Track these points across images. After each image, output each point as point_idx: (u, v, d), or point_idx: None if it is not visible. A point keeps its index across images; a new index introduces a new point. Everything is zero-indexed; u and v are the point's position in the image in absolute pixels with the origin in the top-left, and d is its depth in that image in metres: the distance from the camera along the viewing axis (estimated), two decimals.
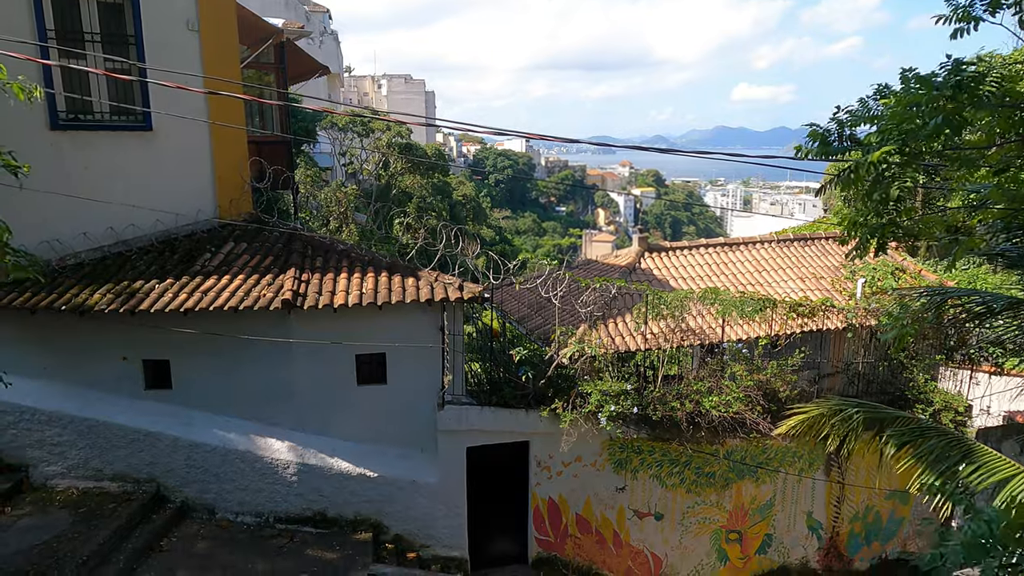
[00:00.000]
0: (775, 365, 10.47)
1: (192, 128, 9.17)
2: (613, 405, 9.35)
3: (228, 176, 9.79)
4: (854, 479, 11.54)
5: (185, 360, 8.77)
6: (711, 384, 10.16)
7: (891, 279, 13.31)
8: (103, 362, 8.67)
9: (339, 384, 9.07)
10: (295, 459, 8.99)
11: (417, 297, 8.68)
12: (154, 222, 9.21)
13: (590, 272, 13.78)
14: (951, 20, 5.63)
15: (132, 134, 9.23)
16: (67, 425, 8.62)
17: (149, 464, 8.80)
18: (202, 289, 8.43)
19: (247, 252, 9.37)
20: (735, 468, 10.79)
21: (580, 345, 9.76)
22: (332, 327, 8.73)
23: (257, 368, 8.84)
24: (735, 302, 10.79)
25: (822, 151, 6.11)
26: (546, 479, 10.14)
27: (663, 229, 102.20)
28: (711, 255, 14.08)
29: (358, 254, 9.78)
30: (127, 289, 8.33)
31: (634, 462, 10.36)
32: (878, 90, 6.20)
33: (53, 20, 8.54)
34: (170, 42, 9.05)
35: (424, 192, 37.42)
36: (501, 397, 9.69)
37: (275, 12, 24.92)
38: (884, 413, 7.28)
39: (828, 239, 14.87)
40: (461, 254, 9.50)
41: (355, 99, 67.07)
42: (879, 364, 11.96)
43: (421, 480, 9.37)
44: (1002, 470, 6.05)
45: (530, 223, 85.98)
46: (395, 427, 9.33)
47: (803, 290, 13.11)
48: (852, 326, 11.65)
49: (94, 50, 8.83)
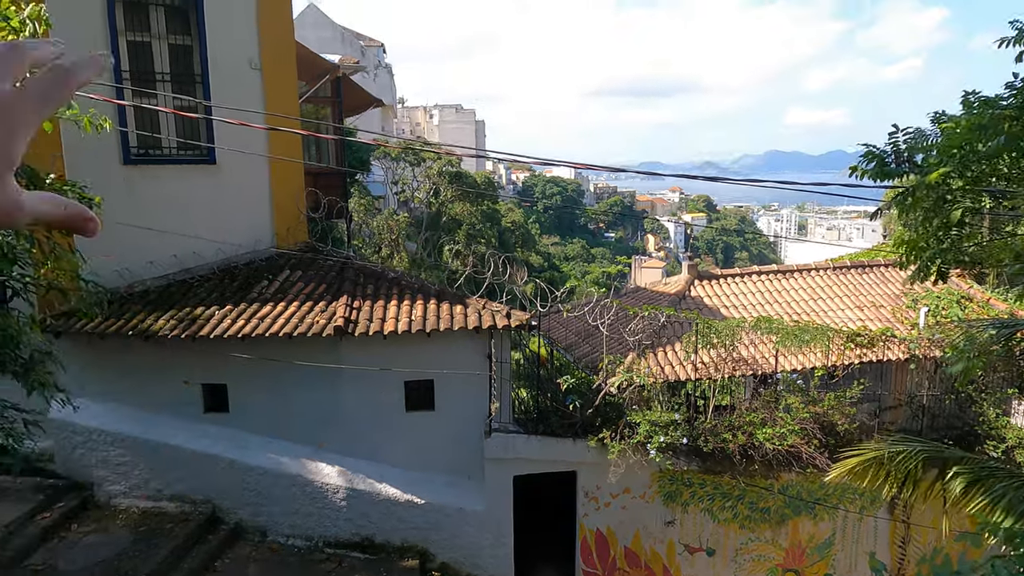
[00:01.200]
0: (832, 397, 10.11)
1: (252, 161, 9.57)
2: (662, 436, 9.18)
3: (285, 207, 10.16)
4: (920, 519, 10.95)
5: (241, 384, 9.05)
6: (764, 416, 9.87)
7: (957, 308, 12.75)
8: (165, 385, 9.02)
9: (388, 410, 9.19)
10: (344, 484, 9.11)
11: (465, 325, 8.76)
12: (215, 251, 9.60)
13: (639, 300, 13.66)
14: (1015, 42, 5.47)
15: (197, 167, 9.71)
16: (130, 446, 8.97)
17: (205, 486, 9.06)
18: (259, 316, 8.72)
19: (302, 280, 9.66)
20: (791, 504, 10.40)
21: (628, 374, 9.65)
22: (382, 354, 8.88)
23: (309, 393, 9.04)
24: (790, 331, 10.51)
25: (878, 172, 5.97)
26: (594, 510, 9.98)
27: (715, 255, 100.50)
28: (764, 283, 13.77)
29: (408, 282, 9.96)
30: (189, 315, 8.69)
31: (684, 495, 10.10)
32: (935, 117, 6.04)
33: (128, 61, 9.12)
34: (234, 80, 9.52)
35: (473, 219, 37.91)
36: (548, 426, 9.63)
37: (332, 48, 25.92)
38: (948, 452, 6.93)
39: (887, 266, 14.37)
40: (509, 281, 9.57)
41: (408, 129, 68.79)
42: (945, 397, 11.40)
43: (468, 508, 9.35)
44: None
45: (579, 249, 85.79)
46: (442, 454, 9.37)
47: (861, 319, 12.68)
48: (915, 357, 11.17)
49: (164, 89, 9.37)
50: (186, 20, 9.40)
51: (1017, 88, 5.30)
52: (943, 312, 12.60)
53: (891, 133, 6.12)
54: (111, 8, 8.80)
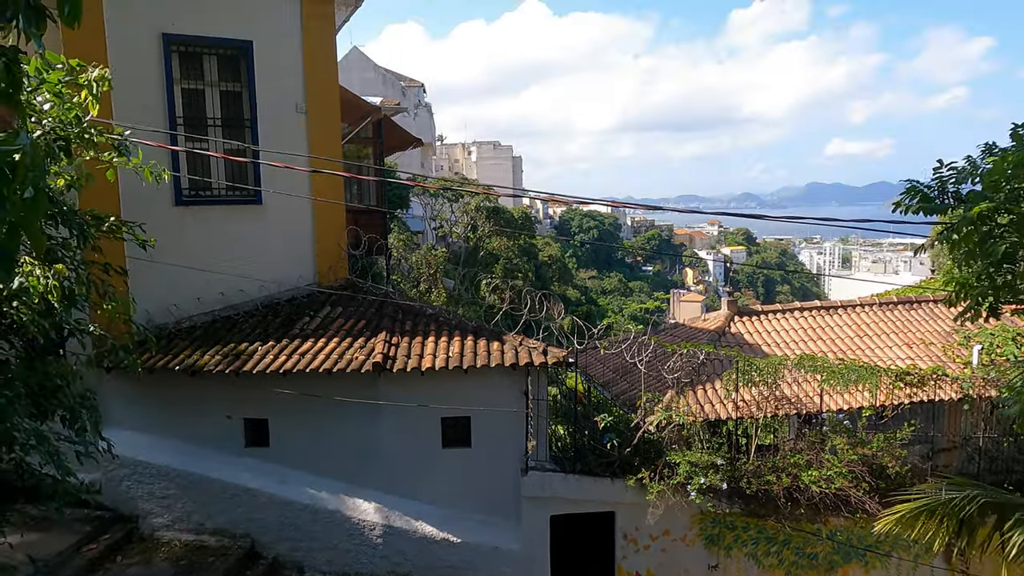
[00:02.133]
0: (881, 438, 9.76)
1: (297, 201, 9.87)
2: (703, 477, 8.96)
3: (327, 245, 10.41)
4: (979, 569, 10.37)
5: (282, 419, 9.19)
6: (810, 457, 9.57)
7: (1012, 346, 12.25)
8: (209, 420, 9.21)
9: (425, 446, 9.19)
10: (381, 520, 9.11)
11: (502, 361, 8.78)
12: (259, 288, 9.86)
13: (677, 336, 13.49)
14: None
15: (244, 208, 10.05)
16: (174, 479, 9.15)
17: (245, 520, 9.15)
18: (300, 351, 8.88)
19: (342, 316, 9.83)
20: (840, 550, 9.98)
21: (667, 412, 9.50)
22: (419, 390, 8.93)
23: (347, 429, 9.13)
24: (835, 369, 10.23)
25: (922, 207, 5.86)
26: (632, 552, 9.74)
27: (755, 288, 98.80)
28: (806, 319, 13.49)
29: (446, 318, 10.05)
30: (234, 351, 8.90)
31: (727, 539, 9.80)
32: (986, 148, 5.92)
33: (182, 108, 9.57)
34: (281, 124, 9.89)
35: (511, 254, 38.15)
36: (586, 464, 9.50)
37: (374, 89, 26.75)
38: (1008, 500, 6.59)
39: (937, 302, 13.94)
40: (545, 318, 9.57)
41: (446, 165, 70.05)
42: (1003, 440, 10.90)
43: (504, 547, 9.23)
44: None
45: (616, 283, 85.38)
46: (478, 492, 9.30)
47: (910, 357, 12.28)
48: (968, 397, 10.74)
49: (215, 134, 9.78)
50: (237, 68, 9.84)
51: None
52: (998, 350, 12.11)
53: (935, 168, 6.02)
54: (167, 58, 9.28)
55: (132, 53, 9.04)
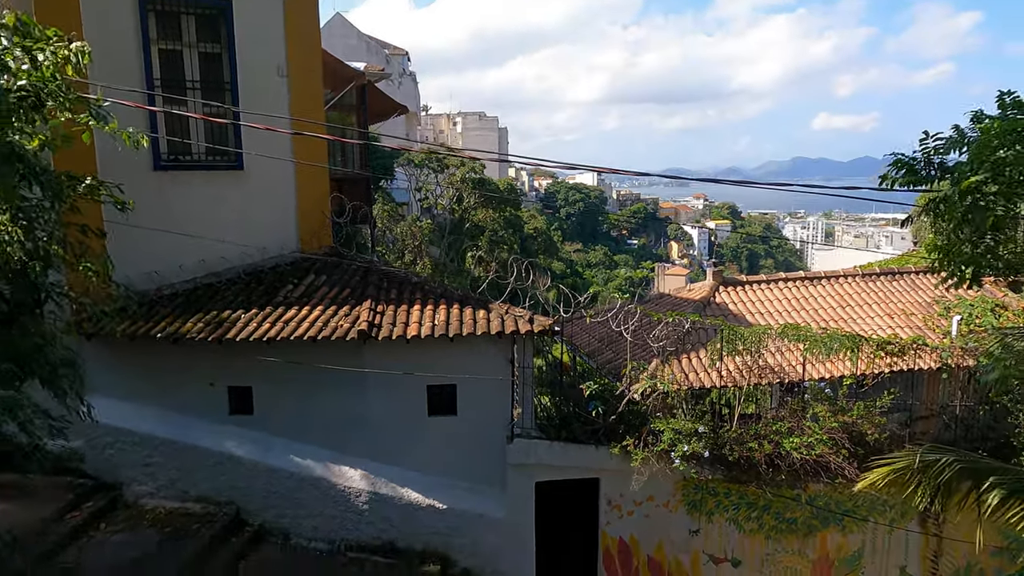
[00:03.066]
0: (861, 406, 9.91)
1: (279, 167, 9.68)
2: (686, 444, 9.07)
3: (310, 212, 10.26)
4: (953, 532, 10.66)
5: (266, 387, 9.13)
6: (791, 425, 9.71)
7: (991, 316, 12.44)
8: (192, 388, 9.13)
9: (410, 414, 9.20)
10: (367, 488, 9.14)
11: (488, 329, 8.75)
12: (241, 255, 9.71)
13: (662, 306, 13.54)
14: None
15: (225, 173, 9.85)
16: (157, 447, 9.10)
17: (230, 487, 9.15)
18: (284, 319, 8.80)
19: (326, 284, 9.74)
20: (819, 515, 10.20)
21: (652, 381, 9.56)
22: (405, 358, 8.90)
23: (332, 397, 9.10)
24: (817, 339, 10.33)
25: (908, 180, 5.85)
26: (616, 518, 9.88)
27: (739, 262, 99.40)
28: (790, 289, 13.58)
29: (431, 287, 9.99)
30: (216, 318, 8.80)
31: (709, 504, 9.96)
32: (975, 116, 5.90)
33: (160, 69, 9.30)
34: (262, 87, 9.65)
35: (496, 226, 37.96)
36: (571, 432, 9.57)
37: (357, 56, 26.22)
38: (984, 463, 6.73)
39: (918, 273, 14.08)
40: (531, 287, 9.55)
41: (431, 136, 69.25)
42: (979, 408, 11.11)
43: (489, 514, 9.31)
44: None
45: (601, 256, 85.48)
46: (464, 459, 9.35)
47: (891, 327, 12.42)
48: (947, 366, 10.91)
49: (194, 96, 9.53)
50: (216, 29, 9.56)
51: None
52: (976, 321, 12.30)
53: (922, 140, 6.00)
54: (143, 18, 8.99)
55: (107, 10, 8.75)
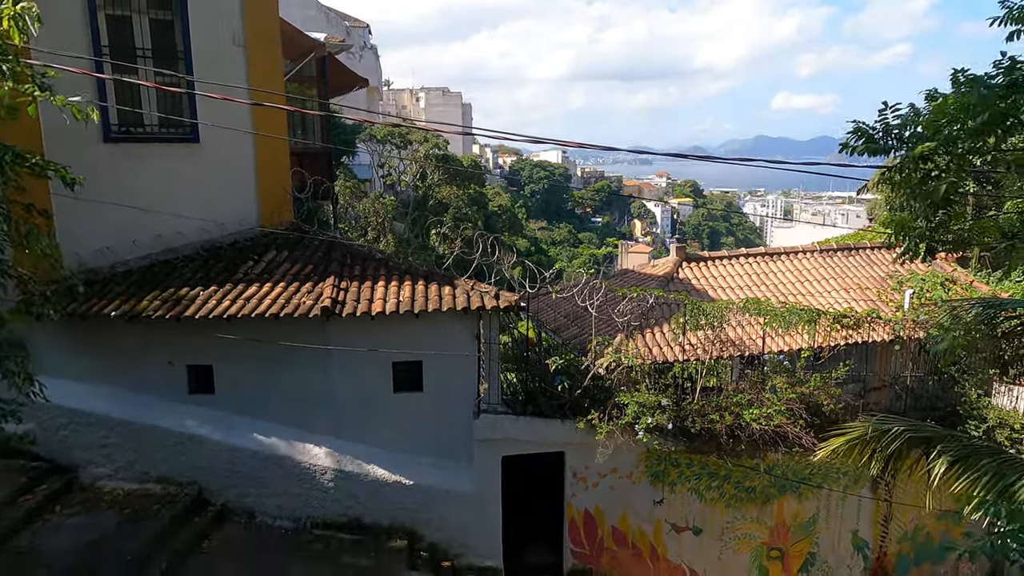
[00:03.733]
0: (818, 378, 10.20)
1: (237, 140, 9.40)
2: (650, 417, 9.21)
3: (271, 186, 10.01)
4: (902, 497, 11.12)
5: (227, 366, 8.96)
6: (751, 396, 9.94)
7: (940, 290, 12.89)
8: (149, 367, 8.90)
9: (376, 391, 9.14)
10: (332, 465, 9.08)
11: (454, 305, 8.72)
12: (199, 230, 9.45)
13: (627, 282, 13.67)
14: (1006, 22, 5.45)
15: (180, 146, 9.52)
16: (114, 428, 8.87)
17: (191, 468, 8.99)
18: (245, 296, 8.62)
19: (288, 260, 9.55)
20: (776, 483, 10.52)
21: (617, 355, 9.67)
22: (370, 334, 8.81)
23: (296, 374, 8.97)
24: (777, 313, 10.56)
25: (867, 148, 5.96)
26: (582, 490, 10.03)
27: (701, 240, 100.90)
28: (751, 265, 13.83)
29: (396, 263, 9.89)
30: (173, 296, 8.57)
31: (672, 475, 10.18)
32: (929, 95, 6.03)
33: (107, 36, 8.89)
34: (217, 57, 9.32)
35: (460, 203, 37.71)
36: (537, 407, 9.64)
37: (317, 27, 25.50)
38: (932, 431, 7.00)
39: (873, 249, 14.48)
40: (497, 263, 9.52)
41: (394, 112, 68.07)
42: (928, 378, 11.55)
43: (456, 489, 9.36)
44: None
45: (566, 234, 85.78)
46: (431, 435, 9.35)
47: (847, 301, 12.77)
48: (899, 339, 11.28)
49: (145, 65, 9.15)
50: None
51: (1004, 67, 5.29)
52: (927, 294, 12.72)
53: (881, 110, 6.12)
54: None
55: None
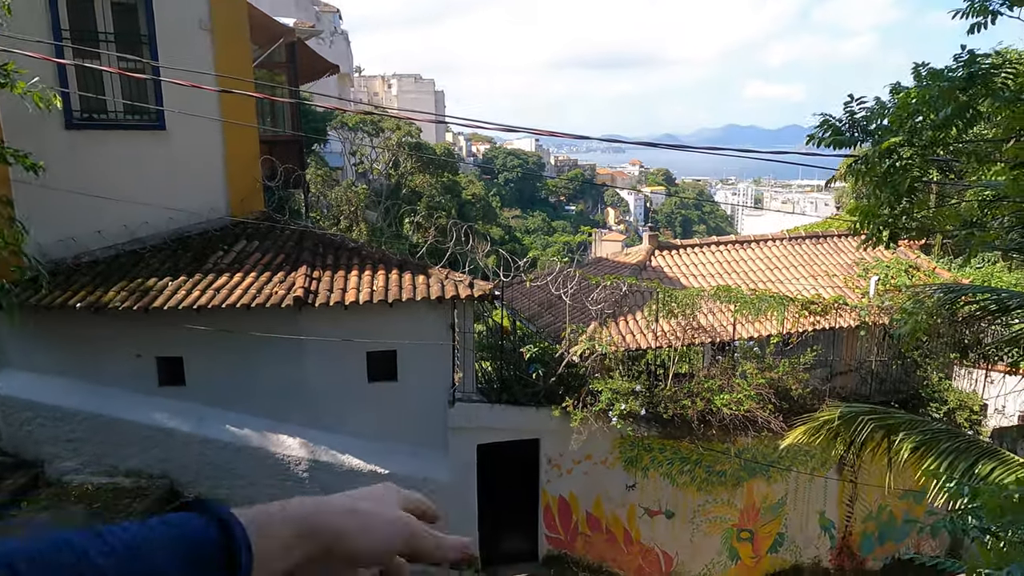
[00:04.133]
0: (787, 363, 10.41)
1: (205, 127, 9.23)
2: (624, 403, 9.33)
3: (240, 175, 9.86)
4: (867, 478, 11.43)
5: (198, 357, 8.84)
6: (722, 382, 10.12)
7: (904, 277, 13.20)
8: (117, 359, 8.74)
9: (350, 381, 9.11)
10: (306, 456, 9.04)
11: (428, 294, 8.70)
12: (167, 220, 9.28)
13: (600, 270, 13.76)
14: (968, 14, 5.57)
15: (145, 133, 9.32)
16: (82, 421, 8.71)
17: (162, 460, 8.88)
18: (215, 287, 8.49)
19: (259, 250, 9.43)
20: (746, 467, 10.74)
21: (591, 343, 9.75)
22: (343, 324, 8.76)
23: (269, 365, 8.89)
24: (747, 300, 10.74)
25: (833, 140, 6.07)
26: (556, 477, 10.13)
27: (673, 228, 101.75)
28: (722, 253, 14.01)
29: (369, 252, 9.82)
30: (141, 287, 8.41)
31: (645, 460, 10.33)
32: (893, 88, 6.15)
33: (68, 20, 8.63)
34: (183, 42, 9.12)
35: (434, 191, 37.48)
36: (512, 395, 9.69)
37: (286, 12, 25.03)
38: (896, 418, 7.21)
39: (840, 236, 14.76)
40: (471, 252, 9.51)
41: (365, 99, 67.24)
42: (892, 363, 11.86)
43: (432, 477, 9.38)
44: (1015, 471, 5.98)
45: (540, 222, 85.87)
46: (406, 424, 9.35)
47: (815, 288, 13.02)
48: (865, 324, 11.55)
49: (108, 49, 8.92)
50: None
51: (964, 61, 5.42)
52: (892, 281, 13.02)
53: (846, 103, 6.23)
54: None
55: None
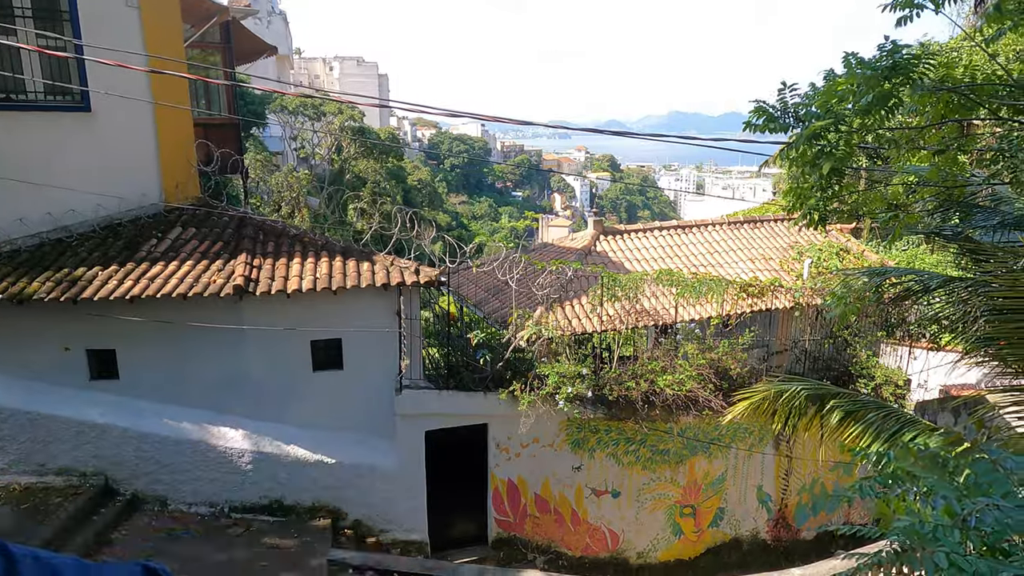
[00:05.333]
0: (726, 344, 10.75)
1: (134, 109, 8.83)
2: (570, 386, 9.47)
3: (173, 159, 9.49)
4: (801, 452, 11.98)
5: (133, 349, 8.51)
6: (665, 364, 10.37)
7: (835, 259, 13.77)
8: (44, 353, 8.33)
9: (294, 371, 8.94)
10: (250, 447, 8.85)
11: (373, 282, 8.60)
12: (95, 207, 8.86)
13: (547, 255, 13.86)
14: (895, 7, 5.81)
15: (69, 115, 8.85)
16: (7, 418, 8.28)
17: (95, 457, 8.54)
18: (149, 276, 8.18)
19: (196, 237, 9.12)
20: (688, 445, 11.08)
21: (537, 328, 9.84)
22: (286, 313, 8.59)
23: (209, 356, 8.64)
24: (688, 283, 11.02)
25: (767, 126, 6.28)
26: (505, 461, 10.23)
27: (618, 213, 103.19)
28: (665, 237, 14.31)
29: (312, 239, 9.62)
30: (68, 277, 8.02)
31: (591, 442, 10.53)
32: (827, 75, 6.39)
33: None
34: (107, 18, 8.67)
35: (378, 177, 36.92)
36: (459, 381, 9.70)
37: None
38: (827, 389, 7.56)
39: (777, 221, 15.27)
40: (417, 238, 9.44)
41: (306, 82, 65.39)
42: (824, 342, 12.39)
43: (380, 465, 9.34)
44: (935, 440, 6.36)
45: (486, 208, 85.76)
46: (352, 413, 9.26)
47: (753, 271, 13.46)
48: (799, 305, 12.03)
49: (26, 26, 8.40)
50: None
51: (888, 50, 5.67)
52: (824, 263, 13.58)
53: (780, 89, 6.44)
54: None
55: None
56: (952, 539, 2.48)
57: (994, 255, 6.77)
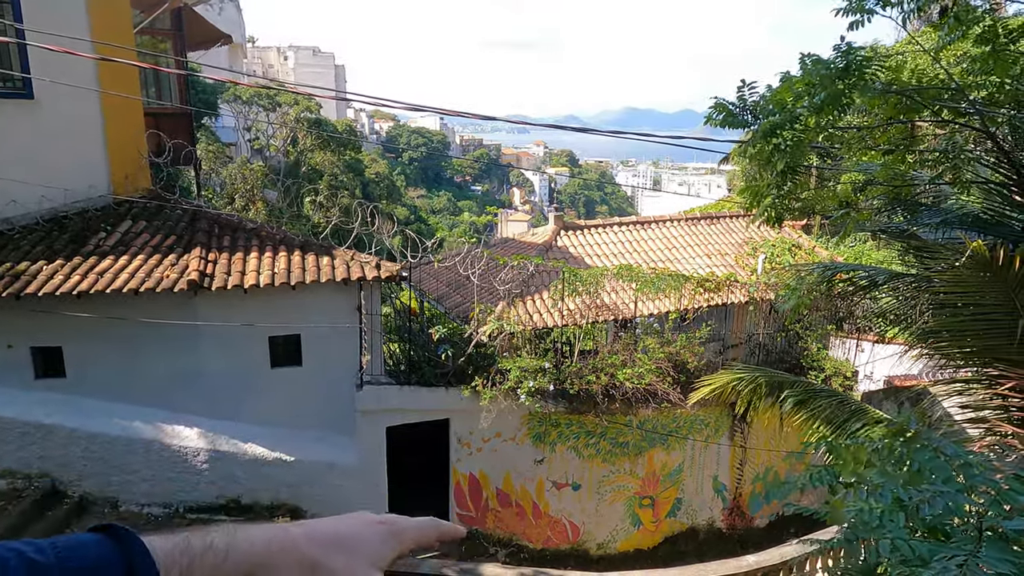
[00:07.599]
0: (684, 338, 10.96)
1: (80, 97, 8.49)
2: (532, 381, 9.52)
3: (123, 149, 9.17)
4: (755, 443, 12.31)
5: (80, 346, 8.22)
6: (624, 358, 10.52)
7: (788, 255, 14.16)
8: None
9: (251, 367, 8.77)
10: (206, 446, 8.65)
11: (333, 277, 8.48)
12: (39, 199, 8.50)
13: (508, 250, 13.88)
14: (847, 12, 6.00)
15: (10, 102, 8.47)
16: None
17: (41, 458, 8.23)
18: (97, 271, 7.90)
19: (147, 231, 8.84)
20: (647, 437, 11.26)
21: (499, 322, 9.85)
22: (243, 308, 8.40)
23: (162, 353, 8.41)
24: (647, 278, 11.18)
25: (726, 122, 6.42)
26: (466, 455, 10.23)
27: (577, 208, 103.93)
28: (624, 233, 14.48)
29: (269, 233, 9.43)
30: (10, 271, 7.69)
31: (552, 435, 10.62)
32: (783, 76, 6.55)
33: None
34: (52, 3, 8.31)
35: (335, 170, 36.31)
36: (421, 376, 9.66)
37: None
38: (782, 377, 7.80)
39: (732, 217, 15.61)
40: (376, 233, 9.34)
41: (260, 72, 63.88)
42: (778, 335, 12.74)
43: (340, 462, 9.24)
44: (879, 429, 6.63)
45: (445, 202, 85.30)
46: (312, 409, 9.13)
47: (710, 266, 13.74)
48: (754, 300, 12.33)
49: None
50: None
51: (842, 51, 5.85)
52: (778, 259, 13.94)
53: (739, 87, 6.59)
54: None
55: None
56: (897, 523, 2.60)
57: (937, 252, 7.06)
